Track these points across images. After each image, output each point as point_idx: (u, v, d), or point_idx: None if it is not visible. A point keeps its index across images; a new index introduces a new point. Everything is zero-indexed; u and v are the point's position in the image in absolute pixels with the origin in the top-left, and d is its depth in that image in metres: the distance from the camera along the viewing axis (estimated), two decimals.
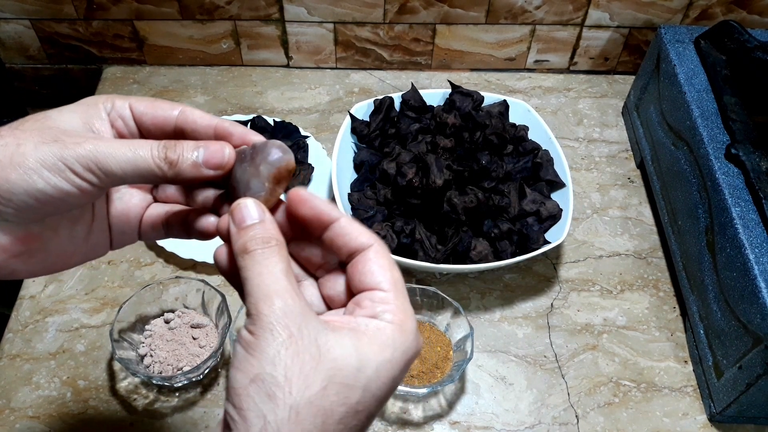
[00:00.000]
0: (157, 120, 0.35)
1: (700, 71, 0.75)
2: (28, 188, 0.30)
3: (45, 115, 0.33)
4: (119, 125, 0.35)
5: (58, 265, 0.36)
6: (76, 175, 0.31)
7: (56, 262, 0.36)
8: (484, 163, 0.74)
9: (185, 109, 0.35)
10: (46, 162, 0.30)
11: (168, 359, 0.64)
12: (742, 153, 0.65)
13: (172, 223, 0.38)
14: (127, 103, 0.35)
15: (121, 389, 0.65)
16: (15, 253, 0.33)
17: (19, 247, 0.33)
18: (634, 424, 0.64)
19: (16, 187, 0.30)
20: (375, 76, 0.98)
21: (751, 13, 0.91)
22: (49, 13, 0.91)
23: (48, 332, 0.69)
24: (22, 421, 0.63)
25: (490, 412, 0.65)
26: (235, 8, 0.91)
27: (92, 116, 0.34)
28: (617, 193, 0.85)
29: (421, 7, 0.91)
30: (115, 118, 0.35)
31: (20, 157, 0.30)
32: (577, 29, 0.95)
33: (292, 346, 0.28)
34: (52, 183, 0.30)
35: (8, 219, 0.31)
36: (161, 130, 0.36)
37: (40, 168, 0.30)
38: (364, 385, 0.28)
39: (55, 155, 0.30)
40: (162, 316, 0.68)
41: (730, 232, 0.61)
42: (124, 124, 0.35)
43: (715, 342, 0.63)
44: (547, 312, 0.73)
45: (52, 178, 0.30)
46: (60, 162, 0.30)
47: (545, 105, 0.95)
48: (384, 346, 0.30)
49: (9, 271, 0.33)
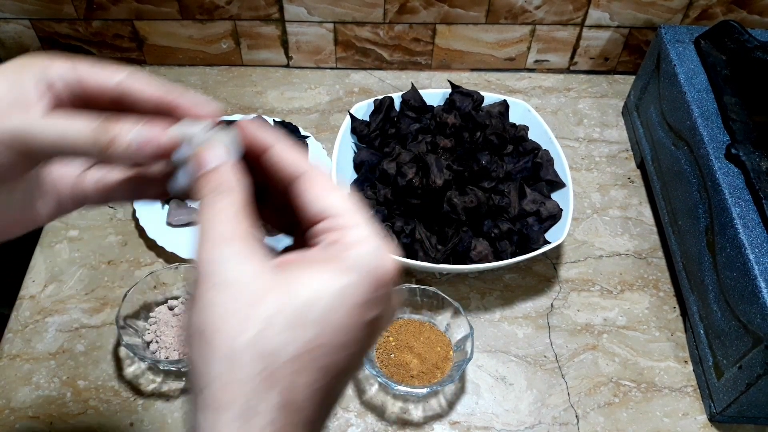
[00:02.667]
0: (99, 86, 0.32)
1: (700, 71, 0.75)
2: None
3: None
4: (58, 89, 0.32)
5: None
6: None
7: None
8: (484, 163, 0.74)
9: (128, 77, 0.32)
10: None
11: (174, 345, 0.65)
12: (743, 153, 0.65)
13: (111, 189, 0.36)
14: (66, 66, 0.32)
15: (128, 375, 0.65)
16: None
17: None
18: (634, 424, 0.64)
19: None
20: (375, 76, 0.98)
21: (751, 13, 0.91)
22: (49, 13, 0.91)
23: (48, 332, 0.69)
24: (21, 421, 0.63)
25: (490, 412, 0.65)
26: (235, 8, 0.91)
27: (23, 83, 0.31)
28: (617, 193, 0.85)
29: (421, 7, 0.91)
30: (49, 86, 0.31)
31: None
32: (577, 29, 0.95)
33: (227, 290, 0.25)
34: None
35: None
36: (103, 97, 0.33)
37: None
38: (319, 318, 0.25)
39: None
40: (166, 303, 0.68)
41: (730, 232, 0.61)
42: (57, 93, 0.32)
43: (715, 342, 0.63)
44: (547, 312, 0.73)
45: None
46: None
47: (545, 105, 0.95)
48: (338, 272, 0.26)
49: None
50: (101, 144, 0.29)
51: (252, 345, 0.25)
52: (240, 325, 0.25)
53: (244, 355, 0.25)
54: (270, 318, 0.25)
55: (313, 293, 0.26)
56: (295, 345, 0.25)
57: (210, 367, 0.25)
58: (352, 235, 0.28)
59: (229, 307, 0.25)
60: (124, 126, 0.30)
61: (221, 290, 0.26)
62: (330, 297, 0.26)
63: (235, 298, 0.25)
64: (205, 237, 0.27)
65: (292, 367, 0.25)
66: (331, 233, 0.28)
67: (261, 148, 0.31)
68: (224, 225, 0.27)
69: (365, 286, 0.26)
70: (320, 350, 0.25)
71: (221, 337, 0.25)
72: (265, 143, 0.31)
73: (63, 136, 0.29)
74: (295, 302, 0.25)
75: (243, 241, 0.27)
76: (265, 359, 0.25)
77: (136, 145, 0.30)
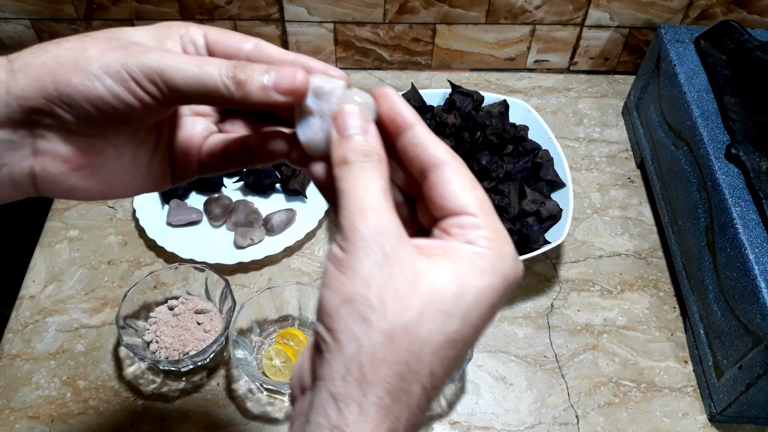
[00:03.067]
0: (229, 50, 0.33)
1: (700, 71, 0.75)
2: (89, 94, 0.29)
3: (118, 29, 0.32)
4: (190, 50, 0.33)
5: (117, 189, 0.34)
6: (138, 85, 0.29)
7: (115, 185, 0.34)
8: (484, 163, 0.74)
9: (260, 42, 0.33)
10: (110, 69, 0.29)
11: (174, 345, 0.65)
12: (743, 153, 0.65)
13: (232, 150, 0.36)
14: (202, 31, 0.33)
15: (128, 375, 0.65)
16: (75, 166, 0.31)
17: (79, 159, 0.31)
18: (634, 424, 0.64)
19: (77, 93, 0.29)
20: (375, 76, 0.98)
21: (751, 13, 0.91)
22: (49, 13, 0.91)
23: (48, 332, 0.69)
24: (21, 421, 0.63)
25: (490, 412, 0.65)
26: (235, 8, 0.91)
27: (165, 36, 0.32)
28: (617, 193, 0.85)
29: (421, 7, 0.91)
30: (187, 43, 0.33)
31: (84, 62, 0.29)
32: (577, 29, 0.94)
33: (386, 266, 0.25)
34: (113, 91, 0.29)
35: (70, 129, 0.30)
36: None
37: (103, 74, 0.29)
38: (463, 313, 0.26)
39: (119, 62, 0.29)
40: (166, 303, 0.68)
41: (730, 232, 0.61)
42: (195, 50, 0.33)
43: (715, 342, 0.63)
44: (547, 312, 0.73)
45: (114, 86, 0.29)
46: (123, 70, 0.29)
47: (545, 105, 0.95)
48: (483, 271, 0.27)
49: (67, 186, 0.32)
50: (239, 79, 0.29)
51: (409, 328, 0.25)
52: (400, 305, 0.25)
53: (402, 337, 0.25)
54: (427, 303, 0.25)
55: (461, 288, 0.26)
56: (442, 336, 0.26)
57: (361, 340, 0.25)
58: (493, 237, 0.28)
59: (390, 283, 0.25)
60: (259, 66, 0.30)
61: (382, 264, 0.25)
62: (474, 295, 0.26)
63: (395, 275, 0.25)
64: (359, 204, 0.27)
65: (435, 356, 0.26)
66: (472, 230, 0.28)
67: (400, 125, 0.30)
68: (378, 195, 0.27)
69: (502, 289, 0.27)
70: (457, 344, 0.26)
71: (380, 313, 0.25)
72: (406, 121, 0.30)
73: (201, 71, 0.29)
74: (447, 294, 0.26)
75: (395, 215, 0.27)
76: (420, 343, 0.25)
77: (271, 83, 0.30)
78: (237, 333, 0.64)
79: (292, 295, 0.68)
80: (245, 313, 0.65)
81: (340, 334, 0.25)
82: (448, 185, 0.29)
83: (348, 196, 0.27)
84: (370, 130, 0.30)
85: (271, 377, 0.64)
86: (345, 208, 0.27)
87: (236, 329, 0.64)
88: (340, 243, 0.27)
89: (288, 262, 0.76)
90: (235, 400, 0.65)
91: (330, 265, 0.27)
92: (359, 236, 0.26)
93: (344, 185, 0.28)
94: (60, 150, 0.31)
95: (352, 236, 0.26)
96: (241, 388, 0.66)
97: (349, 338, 0.25)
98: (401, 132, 0.30)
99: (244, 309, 0.65)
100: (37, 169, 0.31)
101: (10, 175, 0.31)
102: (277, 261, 0.76)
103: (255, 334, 0.67)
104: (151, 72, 0.29)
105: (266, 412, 0.64)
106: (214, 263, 0.72)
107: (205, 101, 0.31)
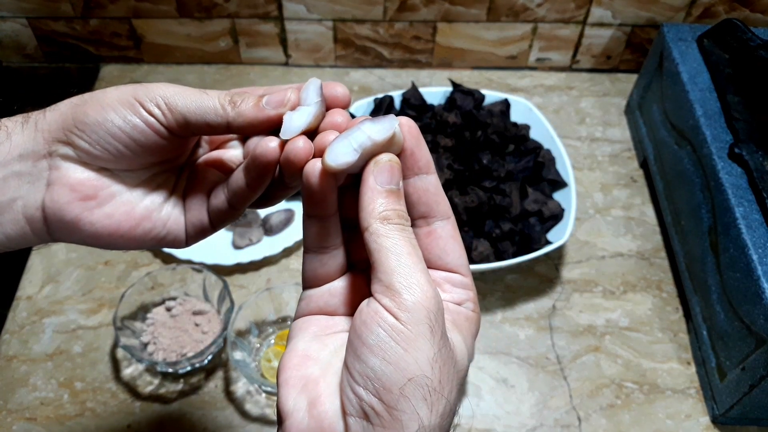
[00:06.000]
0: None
1: (703, 70, 0.75)
2: (102, 120, 0.32)
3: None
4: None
5: (123, 226, 0.35)
6: (144, 108, 0.33)
7: (122, 221, 0.35)
8: (486, 163, 0.74)
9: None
10: (122, 99, 0.33)
11: (171, 346, 0.64)
12: (746, 152, 0.64)
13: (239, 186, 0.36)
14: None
15: (125, 377, 0.65)
16: (82, 196, 0.33)
17: (87, 189, 0.33)
18: (636, 426, 0.64)
19: (92, 120, 0.32)
20: (375, 74, 0.97)
21: (754, 11, 0.90)
22: (46, 12, 0.90)
23: (45, 333, 0.68)
24: (19, 423, 0.62)
25: (492, 414, 0.64)
26: (234, 6, 0.90)
27: None
28: (620, 192, 0.84)
29: (421, 5, 0.90)
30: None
31: (102, 95, 0.33)
32: (579, 27, 0.94)
33: (444, 348, 0.27)
34: (121, 115, 0.32)
35: (84, 160, 0.33)
36: None
37: (116, 104, 0.33)
38: (462, 367, 0.30)
39: (131, 94, 0.33)
40: (163, 304, 0.68)
41: (733, 233, 0.60)
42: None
43: (719, 343, 0.63)
44: (549, 313, 0.72)
45: (123, 111, 0.32)
46: (133, 98, 0.33)
47: (547, 103, 0.94)
48: (471, 336, 0.31)
49: (73, 216, 0.33)
50: (234, 101, 0.33)
51: (452, 403, 0.28)
52: (450, 384, 0.28)
53: (449, 415, 0.28)
54: (459, 380, 0.29)
55: (469, 355, 0.31)
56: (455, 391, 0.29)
57: (423, 421, 0.26)
58: (474, 299, 0.32)
59: (447, 364, 0.28)
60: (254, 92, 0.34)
61: (442, 346, 0.27)
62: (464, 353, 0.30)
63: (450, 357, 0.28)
64: (411, 272, 0.27)
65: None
66: (462, 291, 0.32)
67: (422, 167, 0.31)
68: (424, 269, 0.28)
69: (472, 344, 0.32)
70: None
71: (441, 395, 0.27)
72: (428, 165, 0.32)
73: (201, 95, 0.33)
74: (464, 366, 0.30)
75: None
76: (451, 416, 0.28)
77: (266, 100, 0.33)
78: (235, 334, 0.63)
79: (291, 296, 0.67)
80: (243, 314, 0.64)
81: (402, 414, 0.26)
82: (450, 242, 0.32)
83: (397, 259, 0.28)
84: (401, 187, 0.30)
85: (269, 379, 0.63)
86: (394, 271, 0.27)
87: (234, 330, 0.63)
88: (395, 312, 0.27)
89: (287, 263, 0.76)
90: (234, 402, 0.64)
91: (385, 335, 0.26)
92: (422, 315, 0.27)
93: (389, 243, 0.28)
94: (70, 178, 0.33)
95: (412, 311, 0.27)
96: (240, 389, 0.65)
97: (412, 420, 0.26)
98: (417, 172, 0.31)
99: (243, 310, 0.64)
100: (47, 199, 0.33)
101: (23, 209, 0.33)
102: (276, 261, 0.75)
103: (253, 335, 0.67)
104: (156, 96, 0.33)
105: (265, 414, 0.64)
106: (212, 264, 0.72)
107: (204, 125, 0.33)
